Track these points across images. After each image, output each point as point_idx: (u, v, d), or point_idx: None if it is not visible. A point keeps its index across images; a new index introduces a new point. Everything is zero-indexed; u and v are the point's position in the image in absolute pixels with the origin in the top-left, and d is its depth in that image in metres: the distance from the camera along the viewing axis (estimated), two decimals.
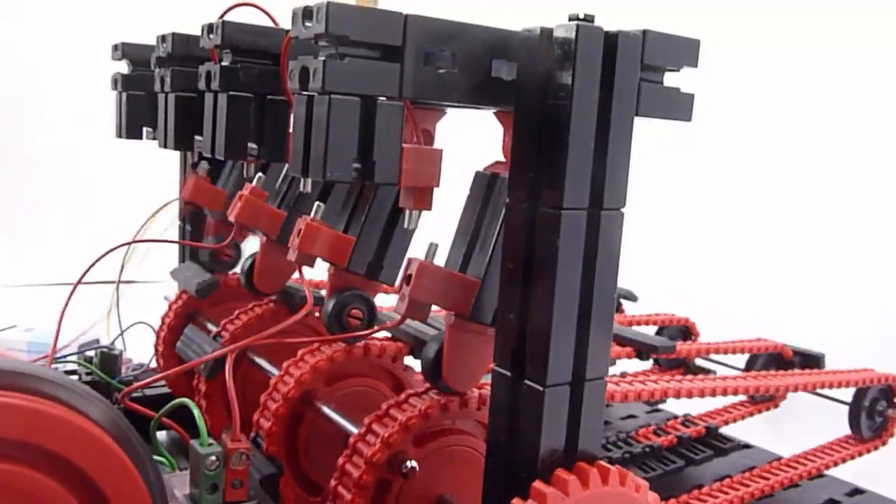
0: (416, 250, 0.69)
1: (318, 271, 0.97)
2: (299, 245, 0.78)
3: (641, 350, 1.20)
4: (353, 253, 0.82)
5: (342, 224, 0.84)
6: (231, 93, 0.78)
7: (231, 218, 0.91)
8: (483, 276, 0.66)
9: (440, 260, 0.68)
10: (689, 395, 0.97)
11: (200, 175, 1.04)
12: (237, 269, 1.10)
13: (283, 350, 0.86)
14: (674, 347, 1.18)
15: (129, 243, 1.02)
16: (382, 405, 0.73)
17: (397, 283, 0.68)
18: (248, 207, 0.90)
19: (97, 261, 0.92)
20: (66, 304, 0.89)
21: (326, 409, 0.79)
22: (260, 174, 0.93)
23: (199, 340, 0.95)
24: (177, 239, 1.20)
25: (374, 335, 0.85)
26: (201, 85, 0.81)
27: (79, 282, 0.90)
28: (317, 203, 0.80)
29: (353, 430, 0.73)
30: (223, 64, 0.78)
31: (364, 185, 0.84)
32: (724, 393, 1.03)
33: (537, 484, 0.56)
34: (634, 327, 1.36)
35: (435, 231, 0.70)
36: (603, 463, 0.58)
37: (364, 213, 0.83)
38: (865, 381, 1.20)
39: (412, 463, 0.67)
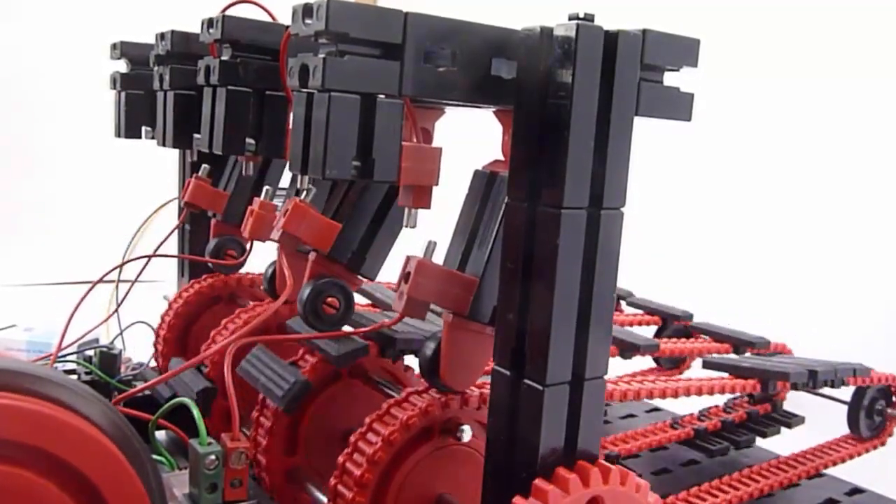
0: (414, 248, 0.69)
1: None
2: (284, 224, 0.76)
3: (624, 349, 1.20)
4: (337, 241, 0.80)
5: (330, 212, 0.83)
6: (230, 87, 0.78)
7: (245, 234, 0.91)
8: (481, 274, 0.66)
9: (438, 258, 0.68)
10: (688, 393, 0.97)
11: (201, 177, 1.04)
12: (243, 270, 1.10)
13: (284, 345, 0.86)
14: (657, 346, 1.19)
15: (152, 256, 1.02)
16: (369, 418, 0.72)
17: (395, 280, 0.68)
18: (258, 223, 0.90)
19: (119, 266, 0.93)
20: (78, 305, 0.89)
21: None
22: (267, 187, 0.93)
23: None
24: (176, 239, 1.20)
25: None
26: (200, 79, 0.80)
27: (98, 282, 0.90)
28: (308, 187, 0.79)
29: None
30: (222, 58, 0.78)
31: None
32: (723, 391, 1.03)
33: (539, 482, 0.56)
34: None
35: (435, 229, 0.70)
36: (603, 462, 0.58)
37: (353, 203, 0.82)
38: (864, 380, 1.20)
39: (466, 426, 0.68)
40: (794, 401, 1.30)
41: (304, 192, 0.78)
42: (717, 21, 1.88)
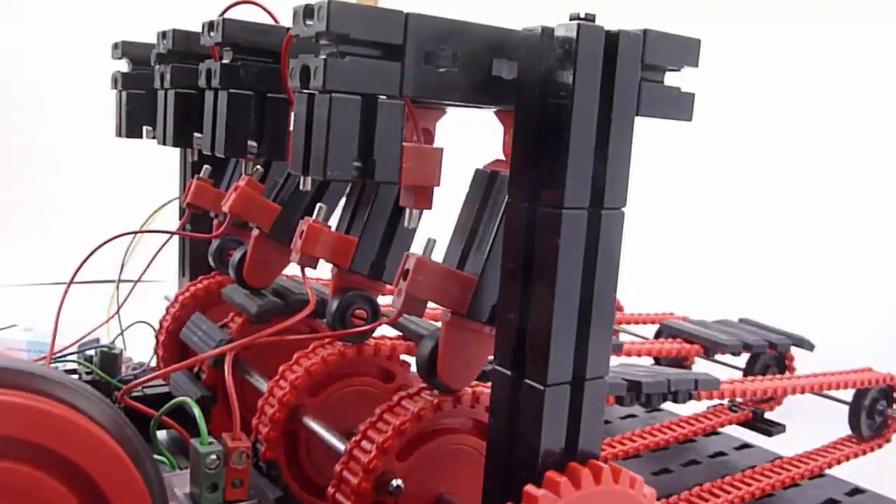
0: (414, 247, 0.69)
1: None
2: (301, 247, 0.78)
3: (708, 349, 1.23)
4: (356, 253, 0.82)
5: (344, 225, 0.84)
6: (231, 90, 0.78)
7: (225, 209, 0.91)
8: (481, 273, 0.66)
9: (438, 256, 0.68)
10: (697, 397, 0.97)
11: (202, 178, 1.04)
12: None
13: (285, 348, 0.86)
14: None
15: (122, 235, 1.01)
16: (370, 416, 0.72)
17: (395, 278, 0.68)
18: (242, 199, 0.90)
19: (91, 254, 0.92)
20: (62, 302, 0.89)
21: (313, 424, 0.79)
22: (258, 167, 0.92)
23: (205, 328, 0.95)
24: (177, 240, 1.20)
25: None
26: (202, 82, 0.81)
27: (72, 279, 0.89)
28: (319, 204, 0.80)
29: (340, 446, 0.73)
30: (223, 62, 0.78)
31: (365, 185, 0.84)
32: (732, 395, 1.02)
33: (551, 474, 0.56)
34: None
35: (434, 229, 0.70)
36: (600, 462, 0.58)
37: (366, 214, 0.83)
38: (865, 381, 1.20)
39: (398, 482, 0.67)
40: (797, 401, 1.30)
41: (316, 211, 0.79)
42: (718, 21, 1.89)
